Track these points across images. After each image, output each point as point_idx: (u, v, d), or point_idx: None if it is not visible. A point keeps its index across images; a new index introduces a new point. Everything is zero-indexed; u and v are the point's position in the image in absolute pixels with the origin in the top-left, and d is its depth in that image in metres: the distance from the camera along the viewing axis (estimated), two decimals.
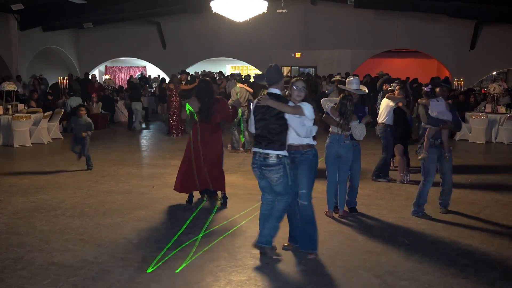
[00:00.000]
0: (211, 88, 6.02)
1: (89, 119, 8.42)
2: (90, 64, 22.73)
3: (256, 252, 4.56)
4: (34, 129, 11.24)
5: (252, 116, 4.47)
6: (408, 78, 17.11)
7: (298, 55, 22.36)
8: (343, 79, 11.32)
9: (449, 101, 6.86)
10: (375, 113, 8.31)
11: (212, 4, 11.40)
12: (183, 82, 13.46)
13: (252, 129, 4.49)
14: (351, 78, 5.99)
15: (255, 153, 4.38)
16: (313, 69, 22.44)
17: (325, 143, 5.67)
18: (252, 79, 19.51)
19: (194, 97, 5.96)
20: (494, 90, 13.37)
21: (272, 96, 4.31)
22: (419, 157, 5.76)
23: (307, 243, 4.49)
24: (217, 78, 18.30)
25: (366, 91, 6.06)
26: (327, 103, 5.67)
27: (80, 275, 4.08)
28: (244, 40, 21.07)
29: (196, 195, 6.43)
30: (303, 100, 4.40)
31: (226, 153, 10.05)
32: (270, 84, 4.38)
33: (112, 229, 5.30)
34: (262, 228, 4.46)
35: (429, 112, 5.70)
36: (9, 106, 11.58)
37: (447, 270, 4.23)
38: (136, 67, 26.24)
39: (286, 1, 17.42)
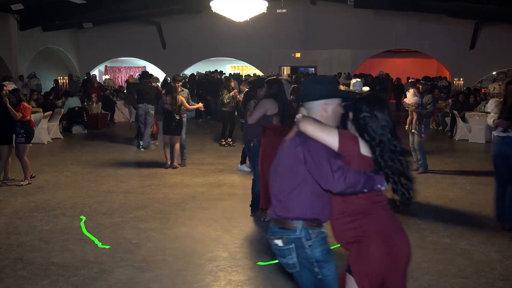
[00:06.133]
0: (284, 89, 5.62)
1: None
2: (90, 64, 22.71)
3: (256, 251, 4.57)
4: (34, 129, 11.19)
5: None
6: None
7: (298, 55, 22.34)
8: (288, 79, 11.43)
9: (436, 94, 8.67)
10: None
11: (212, 4, 11.39)
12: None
13: None
14: (354, 81, 7.12)
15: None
16: (313, 69, 22.45)
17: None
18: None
19: (269, 99, 5.33)
20: (494, 90, 13.39)
21: None
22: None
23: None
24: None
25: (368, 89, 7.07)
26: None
27: (80, 275, 4.08)
28: (244, 40, 21.04)
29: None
30: None
31: (224, 152, 10.09)
32: None
33: (112, 229, 5.30)
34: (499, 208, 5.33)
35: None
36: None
37: (447, 270, 4.23)
38: (136, 67, 26.22)
39: (286, 1, 17.41)
